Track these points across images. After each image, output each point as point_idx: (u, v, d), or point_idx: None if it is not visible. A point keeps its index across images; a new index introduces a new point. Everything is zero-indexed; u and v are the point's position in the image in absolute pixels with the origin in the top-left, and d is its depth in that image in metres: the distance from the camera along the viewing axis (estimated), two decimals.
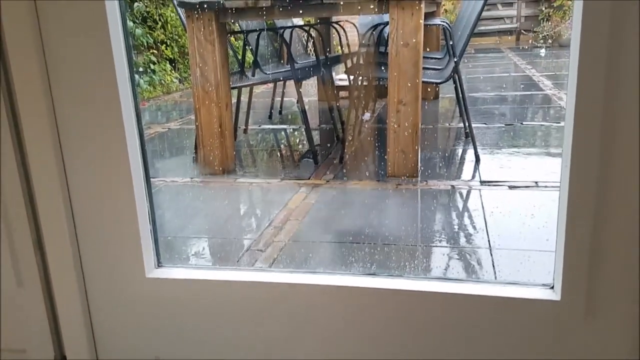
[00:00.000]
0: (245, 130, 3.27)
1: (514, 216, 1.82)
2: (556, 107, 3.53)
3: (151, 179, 2.64)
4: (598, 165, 0.70)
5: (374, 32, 2.82)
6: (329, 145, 2.93)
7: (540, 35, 7.41)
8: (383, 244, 1.63)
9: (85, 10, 0.81)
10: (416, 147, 2.20)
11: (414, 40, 2.04)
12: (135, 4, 4.67)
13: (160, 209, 2.05)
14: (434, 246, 1.61)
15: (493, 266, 1.44)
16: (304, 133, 2.84)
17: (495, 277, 1.37)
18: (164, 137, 3.30)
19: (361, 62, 2.93)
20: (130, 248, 0.91)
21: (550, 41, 7.31)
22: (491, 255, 1.52)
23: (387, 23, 2.11)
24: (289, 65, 2.60)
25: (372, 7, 2.07)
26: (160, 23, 5.01)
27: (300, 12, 2.19)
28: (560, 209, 0.74)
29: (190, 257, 1.64)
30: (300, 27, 3.24)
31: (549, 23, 7.53)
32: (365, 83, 3.07)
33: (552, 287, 0.77)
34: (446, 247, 1.60)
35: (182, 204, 2.12)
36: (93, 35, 0.82)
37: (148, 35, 4.76)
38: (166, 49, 5.08)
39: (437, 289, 0.77)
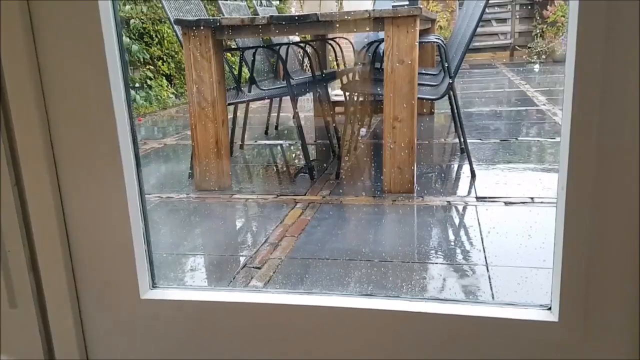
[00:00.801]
0: (241, 146, 3.27)
1: (511, 234, 1.82)
2: (551, 123, 3.56)
3: (147, 195, 2.63)
4: (594, 186, 0.70)
5: (370, 49, 2.85)
6: (325, 161, 2.93)
7: (534, 51, 7.49)
8: (380, 261, 1.63)
9: (81, 28, 0.81)
10: (412, 163, 2.20)
11: (410, 58, 2.06)
12: (132, 20, 4.70)
13: (155, 226, 2.04)
14: (430, 263, 1.61)
15: (490, 284, 1.43)
16: (300, 149, 2.84)
17: (493, 296, 1.36)
18: (160, 153, 3.29)
19: (357, 78, 2.95)
20: (124, 269, 0.90)
21: (544, 57, 7.38)
22: (488, 272, 1.51)
23: (382, 40, 2.13)
24: (285, 82, 2.61)
25: (367, 25, 2.08)
26: (156, 39, 5.03)
27: (296, 29, 2.20)
28: (557, 230, 0.74)
29: (185, 275, 1.63)
30: (296, 43, 3.26)
31: (543, 39, 7.61)
32: (361, 99, 3.09)
33: (550, 309, 0.76)
34: (443, 264, 1.59)
35: (178, 220, 2.11)
36: (88, 52, 0.82)
37: (144, 51, 4.78)
38: (163, 64, 5.10)
39: (435, 310, 0.77)
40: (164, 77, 5.11)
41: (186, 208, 2.25)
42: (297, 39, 3.61)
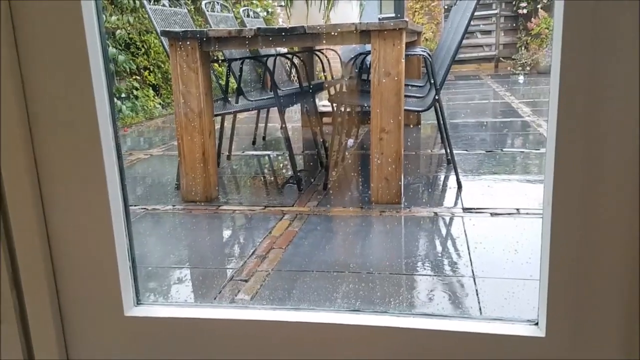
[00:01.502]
0: (228, 157, 3.26)
1: (497, 245, 1.83)
2: (535, 134, 3.60)
3: (132, 207, 2.60)
4: (580, 201, 0.70)
5: (357, 61, 2.86)
6: (312, 171, 2.93)
7: (519, 63, 7.60)
8: (367, 273, 1.63)
9: (64, 40, 0.81)
10: (399, 175, 2.21)
11: (396, 71, 2.07)
12: (118, 31, 4.68)
13: (141, 238, 2.02)
14: (418, 275, 1.61)
15: (477, 296, 1.44)
16: (288, 159, 2.84)
17: (480, 309, 1.36)
18: (146, 164, 3.27)
19: (344, 90, 2.96)
20: (108, 285, 0.88)
21: (528, 68, 7.49)
22: (475, 284, 1.52)
23: (369, 52, 2.14)
24: (272, 92, 2.61)
25: (354, 38, 2.10)
26: (143, 49, 5.02)
27: (284, 41, 2.21)
28: (543, 246, 0.74)
29: (171, 288, 1.61)
30: (283, 55, 3.27)
31: (527, 51, 7.73)
32: (348, 110, 3.10)
33: (537, 324, 0.76)
34: (431, 277, 1.59)
35: (164, 233, 2.09)
36: (72, 65, 0.81)
37: (131, 61, 4.76)
38: (149, 74, 5.08)
39: (423, 326, 0.77)
40: (150, 88, 5.09)
41: (172, 220, 2.24)
42: (284, 50, 3.62)
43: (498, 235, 1.91)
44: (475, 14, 2.28)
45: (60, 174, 0.86)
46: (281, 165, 3.17)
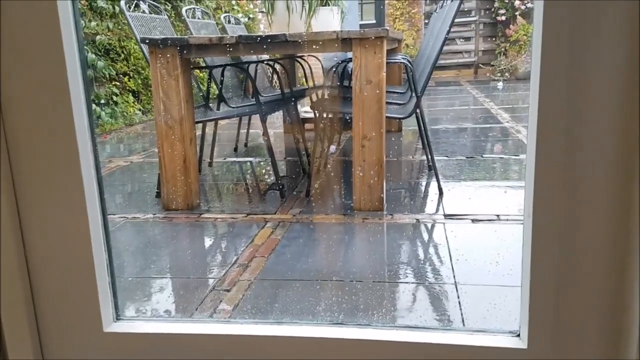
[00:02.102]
0: (210, 164, 3.24)
1: (479, 252, 1.84)
2: (514, 140, 3.65)
3: (112, 216, 2.56)
4: (561, 213, 0.71)
5: (338, 68, 2.87)
6: (295, 178, 2.92)
7: (498, 69, 7.71)
8: (350, 281, 1.62)
9: (42, 46, 0.79)
10: (381, 182, 2.22)
11: (377, 78, 2.08)
12: (98, 37, 4.62)
13: (120, 247, 1.99)
14: (401, 284, 1.61)
15: (459, 305, 1.44)
16: (270, 166, 2.83)
17: (462, 317, 1.37)
18: (125, 171, 3.23)
19: (326, 96, 2.97)
20: (86, 301, 0.87)
21: (507, 74, 7.60)
22: (457, 291, 1.52)
23: (350, 59, 2.15)
24: (254, 99, 2.60)
25: (335, 45, 2.10)
26: (123, 55, 4.96)
27: (265, 49, 2.20)
28: (524, 257, 0.75)
29: (151, 299, 1.58)
30: (264, 61, 3.27)
31: (506, 57, 7.85)
32: (330, 116, 3.10)
33: (519, 335, 0.77)
34: (413, 286, 1.60)
35: (144, 242, 2.06)
36: (49, 72, 0.80)
37: (110, 67, 4.70)
38: (129, 80, 5.03)
39: (406, 339, 0.77)
40: (130, 93, 5.03)
41: (153, 229, 2.21)
42: (266, 56, 3.61)
43: (479, 242, 1.93)
44: (455, 20, 2.30)
45: (37, 189, 0.84)
46: (263, 172, 3.16)
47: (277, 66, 3.31)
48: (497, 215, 2.13)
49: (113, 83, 4.81)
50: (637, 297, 0.70)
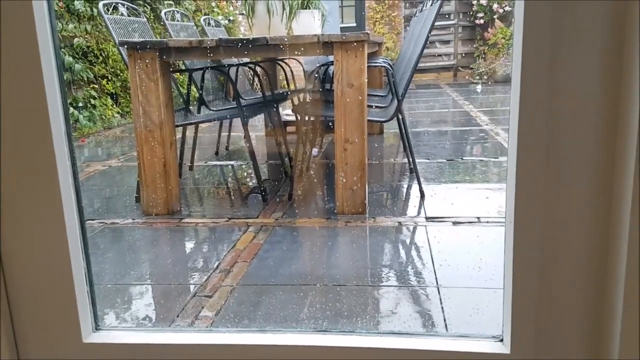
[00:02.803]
0: (190, 167, 3.21)
1: (460, 255, 1.86)
2: (493, 142, 3.69)
3: (90, 221, 2.51)
4: (542, 220, 0.72)
5: (320, 71, 2.87)
6: (277, 182, 2.91)
7: (477, 72, 7.80)
8: (334, 285, 1.62)
9: (17, 52, 0.77)
10: (364, 185, 2.22)
11: (359, 82, 2.09)
12: (76, 39, 4.55)
13: (99, 254, 1.95)
14: (384, 288, 1.61)
15: (442, 309, 1.45)
16: (252, 170, 2.81)
17: (445, 321, 1.38)
18: (104, 176, 3.18)
19: (308, 100, 2.96)
20: (65, 310, 0.85)
21: (485, 77, 7.70)
22: (439, 294, 1.53)
23: (332, 62, 2.15)
24: (235, 102, 2.58)
25: (316, 49, 2.10)
26: (101, 57, 4.89)
27: (245, 52, 2.19)
28: (506, 263, 0.75)
29: (131, 307, 1.56)
30: (245, 64, 3.25)
31: (484, 60, 7.95)
32: (312, 119, 3.10)
33: (502, 340, 0.77)
34: (396, 290, 1.60)
35: (123, 248, 2.03)
36: (26, 78, 0.78)
37: (88, 70, 4.63)
38: (107, 83, 4.96)
39: (390, 345, 0.77)
40: (108, 96, 4.96)
41: (132, 234, 2.17)
42: (246, 59, 3.59)
43: (461, 245, 1.94)
44: (435, 24, 2.32)
45: (13, 197, 0.82)
46: (245, 175, 3.14)
47: (258, 69, 3.30)
48: (478, 218, 2.15)
49: (91, 86, 4.73)
50: (619, 299, 0.71)
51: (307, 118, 2.91)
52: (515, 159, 0.73)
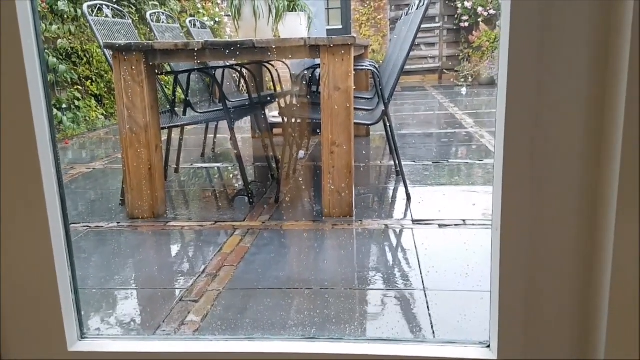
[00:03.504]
0: (176, 170, 3.18)
1: (446, 258, 1.87)
2: (478, 145, 3.72)
3: (74, 225, 2.49)
4: (528, 226, 0.73)
5: (307, 73, 2.87)
6: (264, 184, 2.90)
7: (461, 75, 7.87)
8: (321, 289, 1.62)
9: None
10: (350, 187, 2.22)
11: (345, 85, 2.09)
12: (59, 40, 4.49)
13: (84, 258, 1.93)
14: (371, 291, 1.62)
15: (429, 313, 1.46)
16: (239, 172, 2.80)
17: (432, 327, 1.38)
18: (88, 178, 3.14)
19: (294, 103, 2.96)
20: (49, 319, 0.83)
21: (470, 80, 7.77)
22: (426, 298, 1.54)
23: (319, 65, 2.15)
24: (221, 104, 2.57)
25: (303, 52, 2.10)
26: (85, 59, 4.84)
27: (232, 55, 2.18)
28: (492, 269, 0.76)
29: (116, 312, 1.54)
30: (231, 66, 3.24)
31: (469, 63, 8.02)
32: (299, 121, 3.10)
33: (489, 346, 0.78)
34: (383, 294, 1.61)
35: (108, 252, 2.01)
36: (9, 80, 0.77)
37: (72, 71, 4.57)
38: (92, 84, 4.90)
39: (378, 352, 0.77)
40: (92, 98, 4.90)
41: (117, 238, 2.15)
42: (232, 61, 3.58)
43: (447, 248, 1.96)
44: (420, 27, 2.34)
45: None
46: (232, 177, 3.13)
47: (245, 71, 3.29)
48: (464, 220, 2.17)
49: (75, 87, 4.68)
50: (604, 302, 0.72)
51: (294, 120, 2.91)
52: (502, 164, 0.73)
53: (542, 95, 0.71)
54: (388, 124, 2.62)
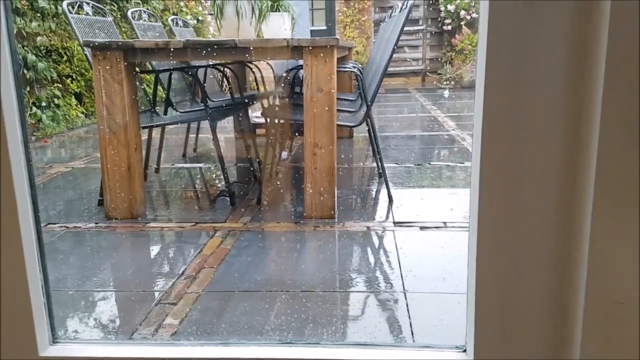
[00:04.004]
0: (157, 170, 3.15)
1: (427, 260, 1.88)
2: (460, 147, 3.75)
3: (51, 225, 2.45)
4: (505, 231, 0.73)
5: (289, 75, 2.86)
6: (246, 185, 2.89)
7: (444, 78, 7.93)
8: (301, 292, 1.61)
9: None
10: (333, 189, 2.22)
11: (328, 87, 2.09)
12: (39, 38, 4.41)
13: (60, 259, 1.89)
14: (351, 293, 1.61)
15: (409, 316, 1.46)
16: (221, 173, 2.78)
17: (412, 331, 1.38)
18: (67, 178, 3.09)
19: (277, 103, 2.95)
20: (20, 322, 0.81)
21: (453, 83, 7.84)
22: (406, 300, 1.54)
23: (302, 66, 2.15)
24: (203, 104, 2.55)
25: (286, 53, 2.09)
26: (65, 56, 4.76)
27: (214, 55, 2.16)
28: (469, 273, 0.76)
29: (92, 314, 1.51)
30: (213, 66, 3.21)
31: (452, 66, 8.09)
32: (281, 122, 3.09)
33: (465, 350, 0.78)
34: (363, 295, 1.61)
35: (85, 253, 1.98)
36: None
37: (52, 69, 4.50)
38: (72, 82, 4.83)
39: (356, 356, 0.76)
40: (72, 96, 4.83)
41: (95, 239, 2.12)
42: (215, 60, 3.55)
43: (427, 250, 1.97)
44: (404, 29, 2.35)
45: None
46: (214, 177, 3.10)
47: (228, 71, 3.26)
48: (444, 223, 2.18)
49: (55, 85, 4.60)
50: (580, 302, 0.73)
51: (276, 121, 2.90)
52: (479, 168, 0.73)
53: (519, 97, 0.71)
54: (371, 126, 2.62)
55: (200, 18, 6.65)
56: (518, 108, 0.71)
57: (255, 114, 4.07)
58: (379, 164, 2.69)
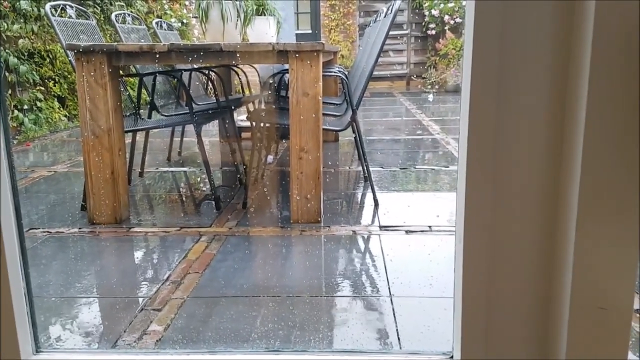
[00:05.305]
0: (141, 174, 3.12)
1: (413, 264, 1.89)
2: (445, 151, 3.78)
3: (34, 230, 2.41)
4: (489, 237, 0.74)
5: (275, 79, 2.86)
6: (231, 189, 2.87)
7: (428, 81, 7.99)
8: (288, 297, 1.61)
9: None
10: (319, 193, 2.22)
11: (314, 91, 2.09)
12: (21, 40, 4.35)
13: (42, 264, 1.86)
14: (337, 298, 1.61)
15: (395, 322, 1.46)
16: (206, 177, 2.76)
17: (398, 336, 1.39)
18: (49, 182, 3.04)
19: (263, 107, 2.94)
20: (2, 332, 0.80)
21: (437, 87, 7.90)
22: (392, 305, 1.55)
23: (287, 69, 2.15)
24: (188, 107, 2.53)
25: (271, 57, 2.09)
26: (48, 59, 4.70)
27: (198, 58, 2.15)
28: (456, 281, 0.77)
29: (75, 321, 1.49)
30: (198, 69, 3.19)
31: (436, 70, 8.16)
32: (267, 125, 3.08)
33: (452, 357, 0.79)
34: (349, 301, 1.60)
35: (68, 258, 1.95)
36: None
37: (34, 72, 4.43)
38: (54, 85, 4.76)
39: None
40: (55, 99, 4.76)
41: (78, 244, 2.09)
42: (200, 64, 3.53)
43: (413, 254, 1.97)
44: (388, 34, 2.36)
45: None
46: (199, 180, 3.08)
47: (213, 74, 3.25)
48: (429, 227, 2.19)
49: (37, 88, 4.53)
50: (565, 304, 0.74)
51: (262, 125, 2.89)
52: (465, 172, 0.74)
53: (504, 101, 0.72)
54: (356, 130, 2.63)
55: (184, 21, 6.61)
56: (504, 111, 0.72)
57: (241, 118, 4.05)
58: (365, 167, 2.70)
